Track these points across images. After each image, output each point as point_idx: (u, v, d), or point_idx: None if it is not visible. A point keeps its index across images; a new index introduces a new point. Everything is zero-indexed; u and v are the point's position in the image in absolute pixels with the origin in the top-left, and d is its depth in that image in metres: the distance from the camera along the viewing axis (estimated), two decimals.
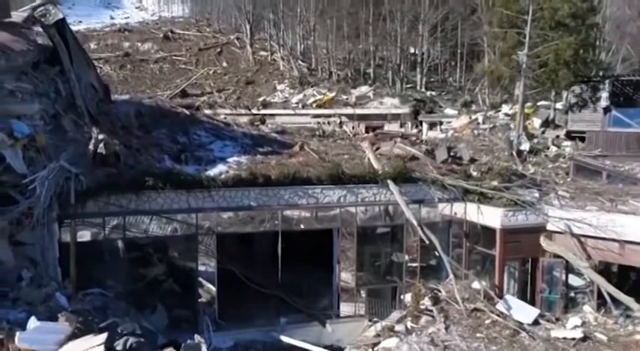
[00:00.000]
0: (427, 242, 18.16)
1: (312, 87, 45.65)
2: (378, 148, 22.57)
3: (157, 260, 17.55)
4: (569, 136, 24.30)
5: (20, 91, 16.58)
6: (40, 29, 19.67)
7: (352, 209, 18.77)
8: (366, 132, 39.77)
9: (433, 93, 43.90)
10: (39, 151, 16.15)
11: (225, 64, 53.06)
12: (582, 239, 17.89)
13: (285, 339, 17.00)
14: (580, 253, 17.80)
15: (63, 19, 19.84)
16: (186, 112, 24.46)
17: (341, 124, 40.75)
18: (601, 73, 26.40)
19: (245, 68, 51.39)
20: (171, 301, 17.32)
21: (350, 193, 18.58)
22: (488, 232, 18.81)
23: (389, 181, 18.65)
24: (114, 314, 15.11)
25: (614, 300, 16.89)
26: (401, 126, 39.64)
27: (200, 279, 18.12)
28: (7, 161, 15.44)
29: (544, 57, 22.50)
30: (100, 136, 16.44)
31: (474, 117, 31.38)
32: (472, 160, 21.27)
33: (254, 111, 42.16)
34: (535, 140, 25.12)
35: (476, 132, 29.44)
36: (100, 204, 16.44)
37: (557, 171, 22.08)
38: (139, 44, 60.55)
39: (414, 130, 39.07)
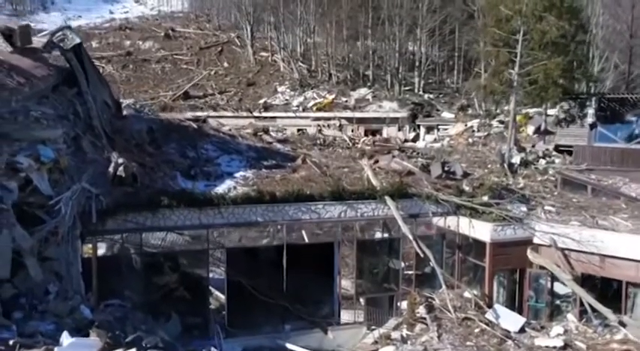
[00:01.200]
0: (422, 256, 19.67)
1: (312, 89, 47.07)
2: (376, 161, 24.09)
3: (171, 271, 19.06)
4: (558, 149, 25.78)
5: (45, 117, 17.96)
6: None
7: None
8: (365, 135, 41.30)
9: (431, 96, 45.32)
10: (62, 173, 17.59)
11: (226, 65, 54.43)
12: (566, 252, 19.43)
13: (289, 346, 18.54)
14: (564, 265, 19.34)
15: (80, 44, 21.27)
16: (194, 125, 25.86)
17: (340, 127, 42.33)
18: (590, 85, 27.83)
19: (246, 69, 52.76)
20: (183, 310, 18.85)
21: (350, 208, 20.07)
22: (479, 244, 20.35)
23: (387, 198, 20.13)
24: (133, 324, 16.71)
25: (593, 310, 18.44)
26: (399, 129, 41.16)
27: (210, 287, 19.71)
28: (34, 184, 16.90)
29: (534, 75, 23.93)
30: (120, 160, 17.85)
31: (469, 124, 32.81)
32: (465, 175, 22.74)
33: (256, 114, 43.70)
34: (528, 151, 26.60)
35: (470, 140, 30.93)
36: (119, 221, 17.88)
37: (545, 184, 23.60)
38: (140, 43, 61.86)
39: (412, 134, 40.62)
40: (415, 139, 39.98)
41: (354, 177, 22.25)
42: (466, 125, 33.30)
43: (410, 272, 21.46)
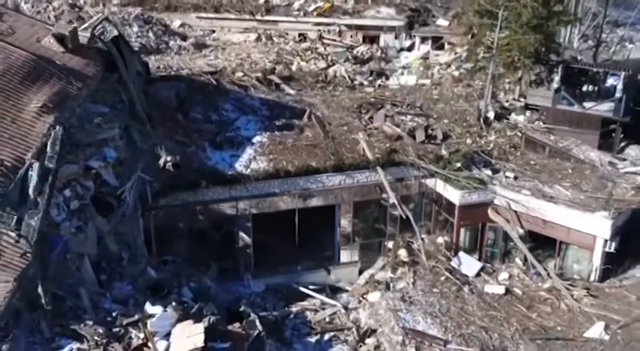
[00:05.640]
0: (404, 217, 26.26)
1: None
2: (371, 118, 29.77)
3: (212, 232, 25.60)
4: (527, 107, 31.20)
5: (104, 120, 23.37)
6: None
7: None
8: (363, 41, 45.99)
9: None
10: (122, 166, 23.47)
11: None
12: (518, 213, 25.97)
13: (301, 289, 25.77)
14: (514, 223, 26.00)
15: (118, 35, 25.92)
16: (213, 81, 30.95)
17: (340, 33, 46.69)
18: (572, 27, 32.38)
19: None
20: (219, 257, 25.73)
21: (348, 177, 26.26)
22: (450, 203, 26.79)
23: (378, 168, 26.25)
24: (185, 277, 23.73)
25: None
26: (395, 37, 45.57)
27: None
28: (104, 178, 22.88)
29: (510, 46, 28.71)
30: (168, 158, 23.64)
31: (457, 54, 37.61)
32: (445, 138, 28.50)
33: (258, 17, 47.74)
34: (505, 101, 32.11)
35: (457, 73, 36.05)
36: (168, 199, 24.18)
37: (513, 139, 29.50)
38: None
39: (408, 42, 45.20)
40: (410, 48, 44.73)
41: (352, 138, 28.01)
42: (455, 53, 38.04)
43: (396, 213, 27.96)
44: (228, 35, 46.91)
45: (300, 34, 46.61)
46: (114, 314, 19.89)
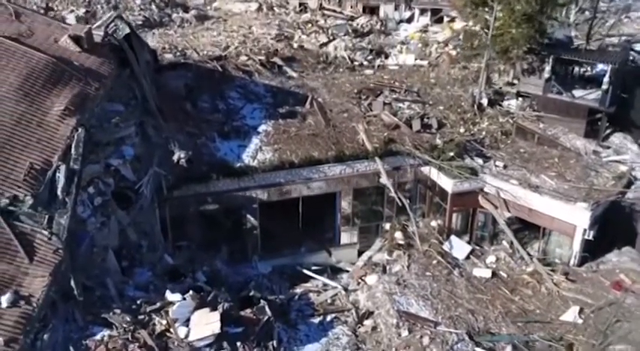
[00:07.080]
0: (400, 205, 28.80)
1: None
2: (370, 105, 31.95)
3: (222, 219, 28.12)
4: (519, 95, 33.27)
5: (120, 119, 25.52)
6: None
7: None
8: (363, 11, 47.57)
9: None
10: (139, 161, 25.80)
11: None
12: (506, 200, 28.51)
13: (305, 271, 28.54)
14: (502, 209, 28.59)
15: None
16: (219, 68, 32.89)
17: (340, 3, 48.16)
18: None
19: None
20: (229, 241, 28.40)
21: (349, 167, 28.66)
22: (443, 190, 29.27)
23: (376, 158, 28.61)
24: (199, 262, 26.42)
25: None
26: (395, 9, 47.11)
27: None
28: (122, 173, 25.24)
29: (504, 38, 30.62)
30: (182, 155, 25.92)
31: (454, 33, 39.39)
32: (440, 126, 30.75)
33: None
34: (498, 87, 34.18)
35: (454, 53, 37.94)
36: (182, 191, 26.63)
37: (504, 125, 31.76)
38: None
39: (407, 13, 46.80)
40: (410, 19, 46.39)
41: (352, 127, 30.23)
42: (452, 31, 39.80)
43: (392, 194, 30.47)
44: (229, 4, 48.34)
45: (300, 4, 48.10)
46: (138, 302, 22.53)
